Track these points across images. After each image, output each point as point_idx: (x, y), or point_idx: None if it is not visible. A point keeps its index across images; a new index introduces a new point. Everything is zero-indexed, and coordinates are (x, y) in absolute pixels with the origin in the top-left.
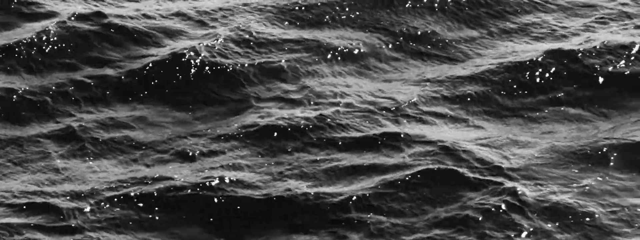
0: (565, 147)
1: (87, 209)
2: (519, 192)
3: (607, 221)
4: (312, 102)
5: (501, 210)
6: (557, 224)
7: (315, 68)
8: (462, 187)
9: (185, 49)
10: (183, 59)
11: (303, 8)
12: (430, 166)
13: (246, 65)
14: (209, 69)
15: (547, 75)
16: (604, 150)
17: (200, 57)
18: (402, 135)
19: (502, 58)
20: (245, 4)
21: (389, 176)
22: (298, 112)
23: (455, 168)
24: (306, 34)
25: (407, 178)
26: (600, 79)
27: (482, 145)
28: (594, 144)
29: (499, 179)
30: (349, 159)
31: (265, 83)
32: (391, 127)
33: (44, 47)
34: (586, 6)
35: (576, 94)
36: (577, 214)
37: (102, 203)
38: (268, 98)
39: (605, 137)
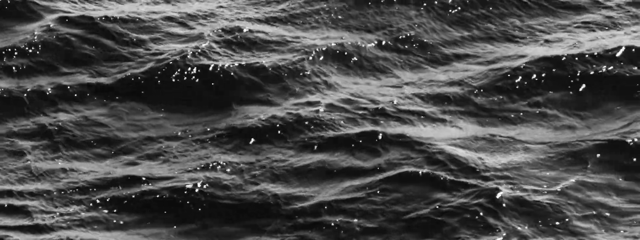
0: (543, 149)
1: (57, 209)
2: (495, 195)
3: (583, 224)
4: (291, 104)
5: (476, 213)
6: (533, 227)
7: (298, 69)
8: (437, 189)
9: (167, 50)
10: (164, 61)
11: (288, 9)
12: (406, 169)
13: (227, 66)
14: (190, 71)
15: (526, 78)
16: (582, 152)
17: (182, 59)
18: (379, 137)
19: (484, 61)
20: (229, 6)
21: (363, 178)
22: (277, 113)
23: (431, 171)
24: (289, 35)
25: (381, 181)
26: (579, 82)
27: (460, 147)
28: (572, 146)
29: (476, 181)
30: (323, 161)
31: (246, 84)
32: (368, 129)
33: (27, 49)
34: (571, 10)
35: (554, 97)
36: (553, 216)
37: (72, 204)
38: (248, 99)
39: (582, 140)
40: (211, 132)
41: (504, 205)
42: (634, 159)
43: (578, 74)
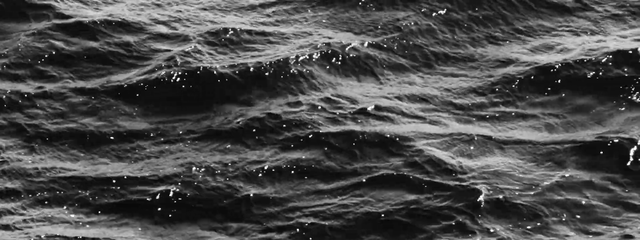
0: (522, 151)
1: (26, 210)
2: (473, 197)
3: (561, 225)
4: (272, 105)
5: (453, 215)
6: (510, 229)
7: (282, 70)
8: (414, 191)
9: (151, 52)
10: (148, 63)
11: (273, 11)
12: (382, 171)
13: (211, 68)
14: (174, 72)
15: (508, 81)
16: (561, 154)
17: (166, 61)
18: (358, 138)
19: (466, 63)
20: (214, 9)
21: (338, 181)
22: (256, 114)
23: (408, 173)
24: (274, 37)
25: (356, 182)
26: (560, 85)
27: (439, 148)
28: (551, 148)
29: (453, 183)
30: (300, 163)
31: (229, 85)
32: (347, 130)
33: (10, 51)
34: (556, 12)
35: (535, 100)
36: (531, 218)
37: (43, 203)
38: (230, 100)
39: (561, 142)
40: (189, 133)
41: (481, 207)
42: (612, 161)
43: (559, 77)
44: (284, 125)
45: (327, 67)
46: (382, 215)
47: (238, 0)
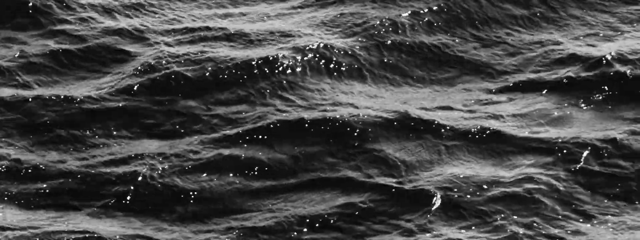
0: (473, 152)
1: None
2: (421, 198)
3: (508, 227)
4: (223, 102)
5: (399, 217)
6: (456, 230)
7: (240, 68)
8: (358, 192)
9: (110, 48)
10: (105, 59)
11: (238, 9)
12: (326, 172)
13: (168, 67)
14: (130, 71)
15: (463, 80)
16: (513, 154)
17: (124, 59)
18: (303, 136)
19: (425, 63)
20: (179, 7)
21: (278, 179)
22: (202, 111)
23: (353, 174)
24: (236, 35)
25: (296, 182)
26: (515, 86)
27: (386, 149)
28: (503, 148)
29: (400, 185)
30: (238, 161)
31: (185, 83)
32: (293, 127)
33: None
34: (517, 12)
35: (488, 100)
36: (479, 219)
37: None
38: (182, 98)
39: (513, 142)
40: (131, 131)
41: (429, 209)
42: (564, 163)
43: (515, 79)
44: (230, 124)
45: (290, 67)
46: (322, 217)
47: (203, 2)
